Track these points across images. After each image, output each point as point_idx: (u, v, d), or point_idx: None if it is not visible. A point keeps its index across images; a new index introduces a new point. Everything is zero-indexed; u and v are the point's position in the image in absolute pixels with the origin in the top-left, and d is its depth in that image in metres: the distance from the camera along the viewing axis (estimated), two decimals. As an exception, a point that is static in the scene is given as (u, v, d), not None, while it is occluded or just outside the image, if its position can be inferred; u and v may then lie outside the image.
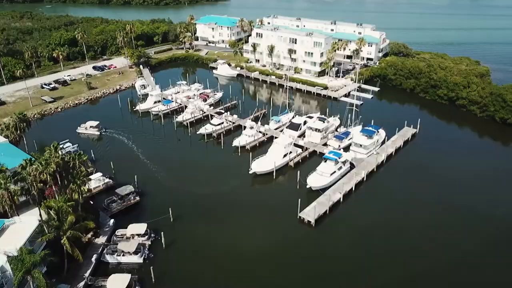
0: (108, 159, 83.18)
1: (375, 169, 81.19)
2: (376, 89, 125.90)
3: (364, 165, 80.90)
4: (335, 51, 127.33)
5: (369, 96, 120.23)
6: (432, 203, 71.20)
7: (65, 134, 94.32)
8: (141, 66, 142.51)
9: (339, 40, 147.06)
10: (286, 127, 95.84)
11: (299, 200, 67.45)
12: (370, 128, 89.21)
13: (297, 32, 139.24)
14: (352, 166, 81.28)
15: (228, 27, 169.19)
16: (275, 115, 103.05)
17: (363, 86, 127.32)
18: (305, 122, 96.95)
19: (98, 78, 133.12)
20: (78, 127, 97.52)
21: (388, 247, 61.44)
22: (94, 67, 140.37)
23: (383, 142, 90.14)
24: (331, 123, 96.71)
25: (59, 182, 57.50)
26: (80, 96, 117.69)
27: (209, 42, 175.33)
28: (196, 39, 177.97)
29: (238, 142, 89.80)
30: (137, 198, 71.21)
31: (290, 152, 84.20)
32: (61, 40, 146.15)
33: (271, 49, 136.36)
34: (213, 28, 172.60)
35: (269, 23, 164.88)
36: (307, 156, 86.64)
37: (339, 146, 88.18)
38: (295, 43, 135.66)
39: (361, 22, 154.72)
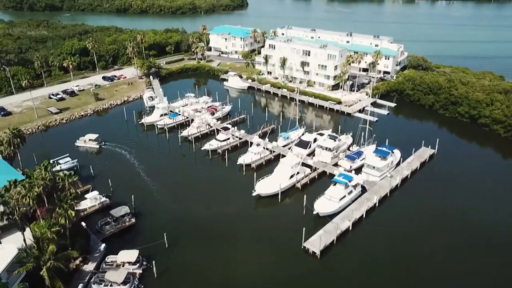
0: (106, 175, 79.89)
1: (388, 194, 75.48)
2: (393, 104, 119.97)
3: (376, 189, 75.29)
4: (349, 64, 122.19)
5: (385, 112, 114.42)
6: (450, 233, 65.18)
7: (67, 147, 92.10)
8: (150, 77, 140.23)
9: (355, 52, 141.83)
10: (295, 145, 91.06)
11: (304, 228, 62.30)
12: (384, 149, 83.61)
13: (311, 44, 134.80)
14: (363, 190, 75.82)
15: (241, 38, 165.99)
16: (284, 131, 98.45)
17: (379, 101, 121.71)
18: (315, 140, 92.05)
19: (107, 88, 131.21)
20: (77, 140, 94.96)
21: (402, 285, 55.73)
22: (103, 77, 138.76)
23: (398, 164, 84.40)
24: (343, 142, 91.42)
25: (46, 205, 54.04)
26: (86, 107, 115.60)
27: (222, 53, 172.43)
28: (209, 49, 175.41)
29: (243, 160, 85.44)
30: (133, 220, 67.39)
31: (298, 173, 79.30)
32: (72, 49, 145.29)
33: (283, 61, 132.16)
34: (226, 39, 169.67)
35: (283, 34, 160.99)
36: (316, 177, 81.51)
37: (351, 167, 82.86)
38: (309, 55, 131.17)
39: (379, 33, 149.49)
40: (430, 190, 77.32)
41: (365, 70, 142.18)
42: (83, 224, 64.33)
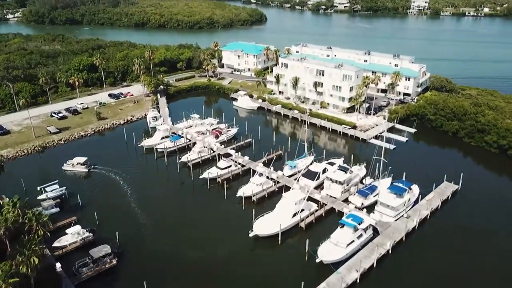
0: (93, 205, 74.06)
1: (403, 238, 66.49)
2: (412, 130, 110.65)
3: (390, 232, 66.43)
4: (366, 86, 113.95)
5: (404, 139, 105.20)
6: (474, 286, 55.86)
7: (58, 172, 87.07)
8: (158, 95, 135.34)
9: (372, 72, 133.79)
10: (302, 175, 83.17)
11: (302, 283, 54.03)
12: (401, 185, 74.69)
13: (325, 63, 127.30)
14: (375, 233, 67.08)
15: (254, 55, 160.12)
16: (291, 159, 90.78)
17: (398, 126, 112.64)
18: (324, 170, 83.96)
19: (111, 107, 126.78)
20: (65, 164, 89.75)
21: None
22: (109, 95, 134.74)
23: (416, 202, 75.34)
24: (355, 173, 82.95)
25: (9, 248, 47.93)
26: (87, 127, 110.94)
27: (235, 70, 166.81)
28: (222, 66, 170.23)
29: (243, 192, 78.11)
30: (114, 261, 60.72)
31: (302, 210, 71.29)
32: (80, 65, 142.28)
33: (296, 81, 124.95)
34: (238, 56, 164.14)
35: (297, 51, 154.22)
36: (323, 215, 73.21)
37: (362, 204, 74.33)
38: (323, 75, 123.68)
39: (401, 50, 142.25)
40: (452, 234, 67.94)
41: (383, 91, 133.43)
42: (58, 265, 57.96)
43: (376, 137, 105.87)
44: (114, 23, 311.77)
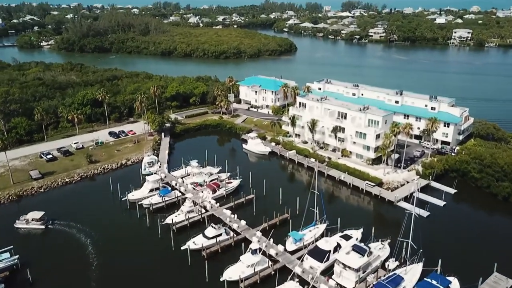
0: (47, 280, 60.28)
1: None
2: (452, 191, 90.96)
3: None
4: (395, 135, 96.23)
5: (441, 202, 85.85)
6: None
7: (10, 230, 75.02)
8: (162, 134, 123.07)
9: (404, 116, 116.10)
10: (308, 253, 66.18)
11: None
12: (434, 282, 56.10)
13: (349, 105, 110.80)
14: None
15: (272, 91, 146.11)
16: (298, 226, 73.95)
17: (433, 184, 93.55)
18: (336, 248, 66.60)
19: (109, 147, 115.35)
20: (17, 220, 77.51)
21: None
22: (110, 133, 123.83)
23: (456, 306, 56.35)
24: (375, 255, 64.91)
25: None
26: (74, 172, 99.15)
27: (251, 106, 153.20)
28: (239, 101, 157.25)
29: (229, 275, 61.97)
30: None
31: (300, 310, 54.19)
32: (84, 99, 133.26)
33: (313, 124, 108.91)
34: (256, 91, 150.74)
35: (320, 88, 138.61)
36: (328, 317, 55.65)
37: (382, 304, 56.14)
38: (345, 118, 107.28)
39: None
40: None
41: (417, 137, 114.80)
42: None
43: (406, 199, 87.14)
44: (141, 52, 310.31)
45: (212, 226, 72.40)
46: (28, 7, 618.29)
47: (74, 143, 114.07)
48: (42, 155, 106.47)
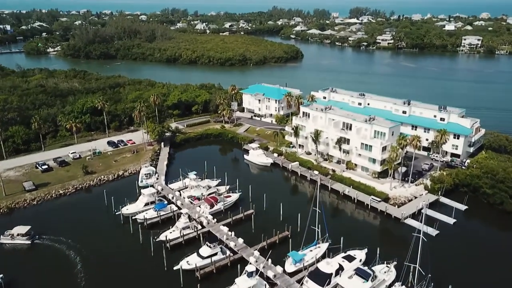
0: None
1: None
2: (463, 207, 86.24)
3: None
4: (402, 148, 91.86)
5: (451, 220, 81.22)
6: None
7: None
8: (162, 144, 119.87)
9: (412, 127, 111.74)
10: (308, 276, 62.05)
11: None
12: (444, 313, 51.67)
13: (354, 115, 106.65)
14: None
15: (276, 100, 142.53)
16: (298, 246, 69.87)
17: (443, 200, 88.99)
18: (338, 270, 62.35)
19: (106, 157, 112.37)
20: (2, 236, 74.54)
21: None
22: (108, 142, 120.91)
23: None
24: (380, 279, 60.69)
25: None
26: (69, 183, 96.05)
27: (255, 115, 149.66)
28: (242, 110, 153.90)
29: (222, 300, 58.13)
30: None
31: None
32: (83, 108, 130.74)
33: (317, 135, 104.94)
34: (259, 100, 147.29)
35: (324, 97, 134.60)
36: None
37: (386, 336, 51.78)
38: (350, 129, 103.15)
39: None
40: None
41: (425, 148, 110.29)
42: None
43: (413, 215, 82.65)
44: (147, 58, 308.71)
45: (207, 245, 68.55)
46: (38, 13, 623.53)
47: (71, 153, 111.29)
48: (37, 166, 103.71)
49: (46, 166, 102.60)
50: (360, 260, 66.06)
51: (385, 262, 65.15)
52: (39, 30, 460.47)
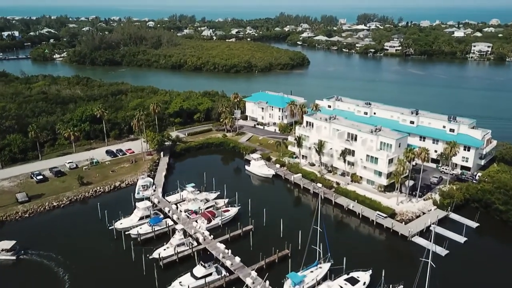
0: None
1: None
2: (474, 224, 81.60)
3: None
4: (409, 161, 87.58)
5: (461, 238, 76.57)
6: None
7: None
8: (161, 153, 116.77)
9: (420, 138, 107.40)
10: (307, 300, 58.03)
11: None
12: None
13: (359, 125, 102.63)
14: None
15: (279, 108, 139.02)
16: (297, 268, 65.76)
17: (452, 216, 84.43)
18: (340, 294, 58.24)
19: (104, 167, 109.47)
20: None
21: None
22: (107, 151, 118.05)
23: None
24: (385, 305, 56.41)
25: None
26: (64, 195, 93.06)
27: (258, 123, 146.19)
28: (245, 118, 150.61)
29: (215, 326, 54.26)
30: None
31: None
32: (83, 116, 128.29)
33: (320, 146, 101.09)
34: (262, 108, 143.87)
35: (329, 106, 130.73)
36: None
37: None
38: (355, 140, 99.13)
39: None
40: None
41: (434, 160, 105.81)
42: None
43: (422, 233, 78.16)
44: (152, 65, 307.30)
45: (202, 265, 64.82)
46: (47, 20, 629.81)
47: (68, 163, 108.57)
48: (32, 176, 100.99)
49: (41, 177, 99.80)
50: (364, 283, 61.95)
51: (391, 285, 60.89)
52: (47, 36, 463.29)
